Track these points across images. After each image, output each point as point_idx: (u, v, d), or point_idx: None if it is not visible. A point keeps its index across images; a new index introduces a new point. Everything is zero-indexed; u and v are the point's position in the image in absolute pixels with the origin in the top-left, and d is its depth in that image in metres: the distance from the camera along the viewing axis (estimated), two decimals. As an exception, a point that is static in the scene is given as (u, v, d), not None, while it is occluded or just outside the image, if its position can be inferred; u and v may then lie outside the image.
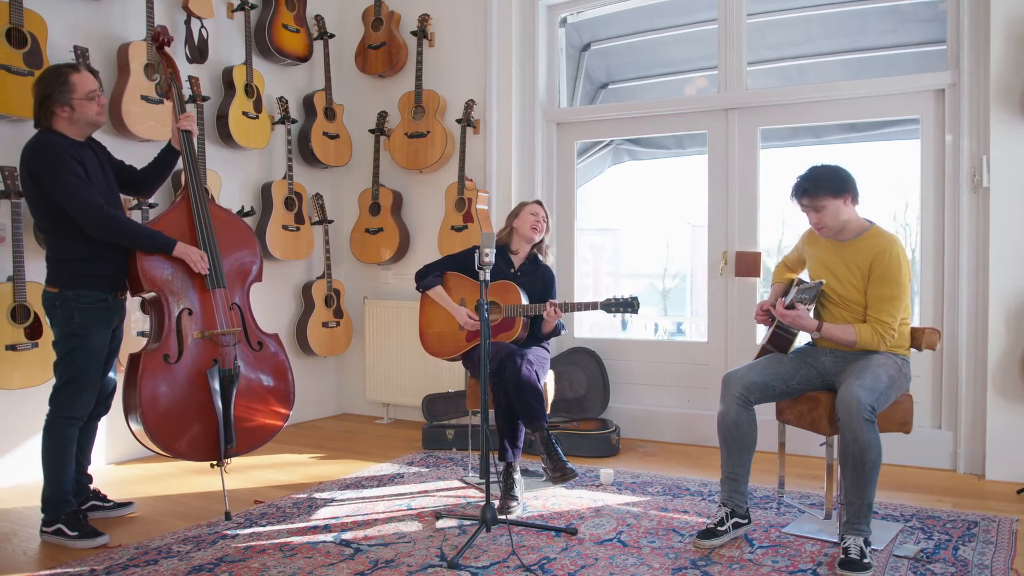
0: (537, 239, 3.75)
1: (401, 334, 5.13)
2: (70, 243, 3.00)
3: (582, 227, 5.30)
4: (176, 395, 3.12)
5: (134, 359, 3.14)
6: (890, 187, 4.42)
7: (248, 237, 3.49)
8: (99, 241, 3.00)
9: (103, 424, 3.94)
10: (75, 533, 2.95)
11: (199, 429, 3.18)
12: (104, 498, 3.33)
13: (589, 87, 5.55)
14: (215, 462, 3.21)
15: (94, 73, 3.08)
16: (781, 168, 4.95)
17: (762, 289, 4.51)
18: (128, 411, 3.13)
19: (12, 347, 3.51)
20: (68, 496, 3.04)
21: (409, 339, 5.09)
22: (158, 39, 3.36)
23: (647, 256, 6.34)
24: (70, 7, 3.94)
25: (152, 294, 3.16)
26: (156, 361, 3.10)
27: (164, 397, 3.10)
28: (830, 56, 4.96)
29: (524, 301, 3.58)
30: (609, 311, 3.49)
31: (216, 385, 3.17)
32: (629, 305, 3.46)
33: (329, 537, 3.02)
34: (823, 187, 2.92)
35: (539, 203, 3.80)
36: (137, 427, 3.10)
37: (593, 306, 3.52)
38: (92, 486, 3.33)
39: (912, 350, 3.06)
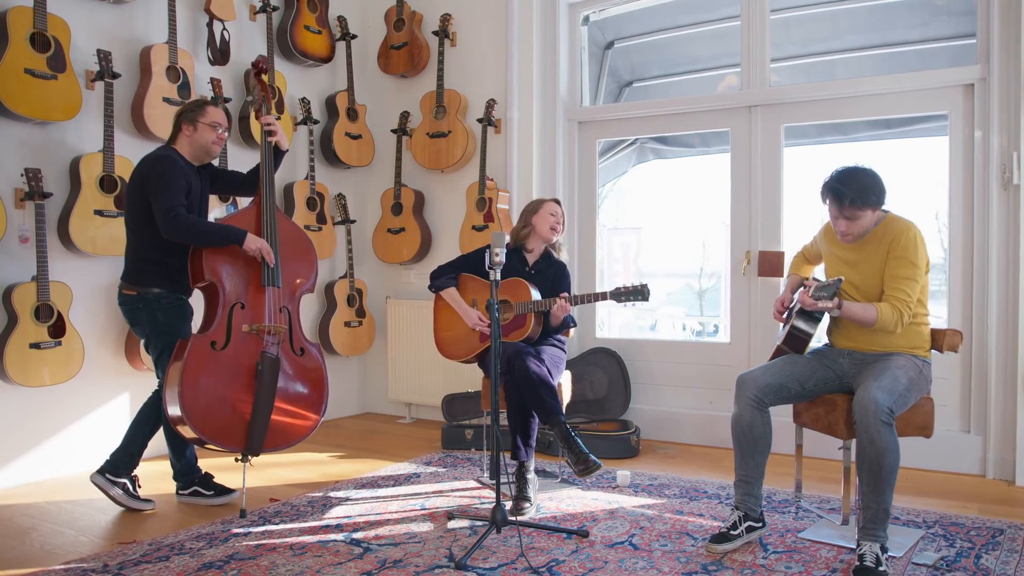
0: (555, 240, 3.74)
1: (423, 334, 5.13)
2: (152, 245, 3.27)
3: (616, 226, 5.23)
4: (216, 381, 3.20)
5: (183, 344, 3.21)
6: (932, 186, 4.28)
7: (308, 249, 3.59)
8: (173, 244, 3.24)
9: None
10: (211, 492, 3.46)
11: (232, 418, 3.24)
12: (134, 482, 3.44)
13: (613, 85, 5.51)
14: (239, 456, 3.27)
15: (227, 113, 3.44)
16: (808, 166, 4.85)
17: (786, 289, 4.42)
18: (168, 393, 3.20)
19: (36, 345, 3.58)
20: (195, 464, 3.49)
21: (432, 339, 5.08)
22: (257, 66, 3.59)
23: (682, 255, 6.25)
24: (93, 11, 4.00)
25: (209, 282, 3.28)
26: (204, 346, 3.20)
27: (205, 381, 3.18)
28: (857, 52, 4.85)
29: (536, 297, 3.56)
30: (619, 300, 3.40)
31: (266, 374, 3.28)
32: (639, 293, 3.37)
33: (340, 536, 3.02)
34: (869, 201, 2.79)
35: (557, 202, 3.76)
36: (174, 409, 3.17)
37: (603, 296, 3.45)
38: (133, 473, 3.44)
39: (934, 352, 2.98)
